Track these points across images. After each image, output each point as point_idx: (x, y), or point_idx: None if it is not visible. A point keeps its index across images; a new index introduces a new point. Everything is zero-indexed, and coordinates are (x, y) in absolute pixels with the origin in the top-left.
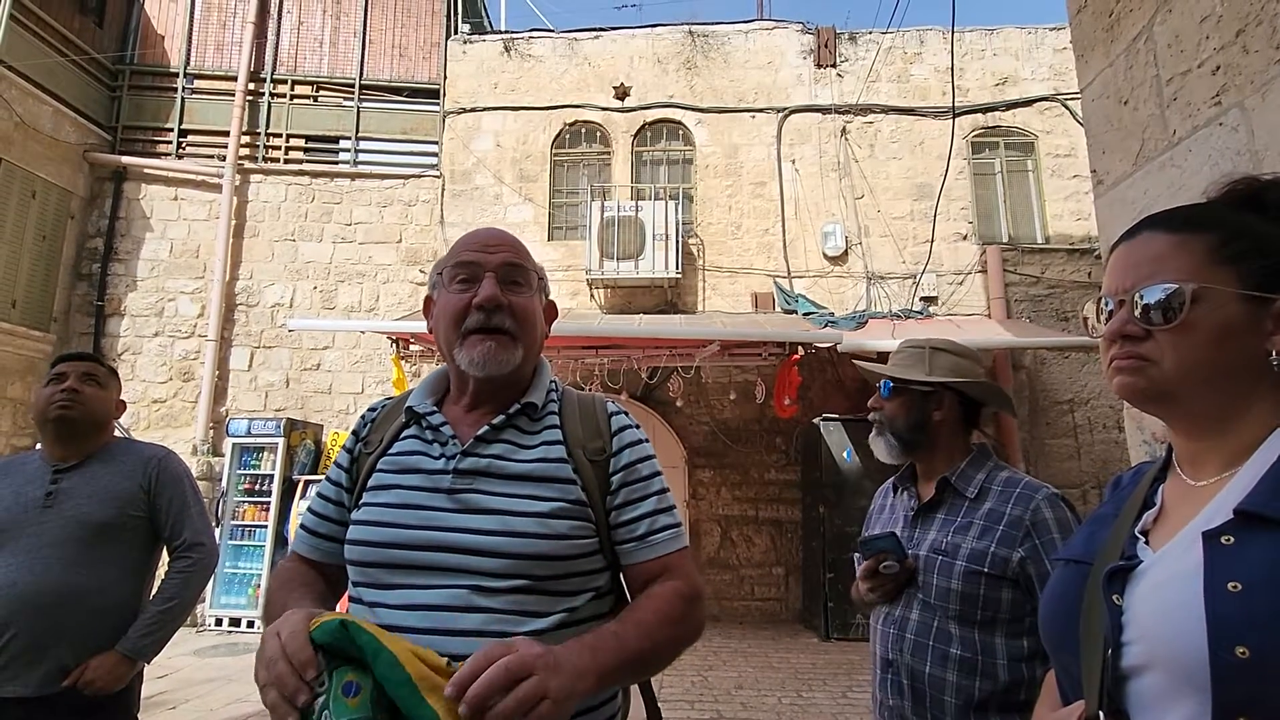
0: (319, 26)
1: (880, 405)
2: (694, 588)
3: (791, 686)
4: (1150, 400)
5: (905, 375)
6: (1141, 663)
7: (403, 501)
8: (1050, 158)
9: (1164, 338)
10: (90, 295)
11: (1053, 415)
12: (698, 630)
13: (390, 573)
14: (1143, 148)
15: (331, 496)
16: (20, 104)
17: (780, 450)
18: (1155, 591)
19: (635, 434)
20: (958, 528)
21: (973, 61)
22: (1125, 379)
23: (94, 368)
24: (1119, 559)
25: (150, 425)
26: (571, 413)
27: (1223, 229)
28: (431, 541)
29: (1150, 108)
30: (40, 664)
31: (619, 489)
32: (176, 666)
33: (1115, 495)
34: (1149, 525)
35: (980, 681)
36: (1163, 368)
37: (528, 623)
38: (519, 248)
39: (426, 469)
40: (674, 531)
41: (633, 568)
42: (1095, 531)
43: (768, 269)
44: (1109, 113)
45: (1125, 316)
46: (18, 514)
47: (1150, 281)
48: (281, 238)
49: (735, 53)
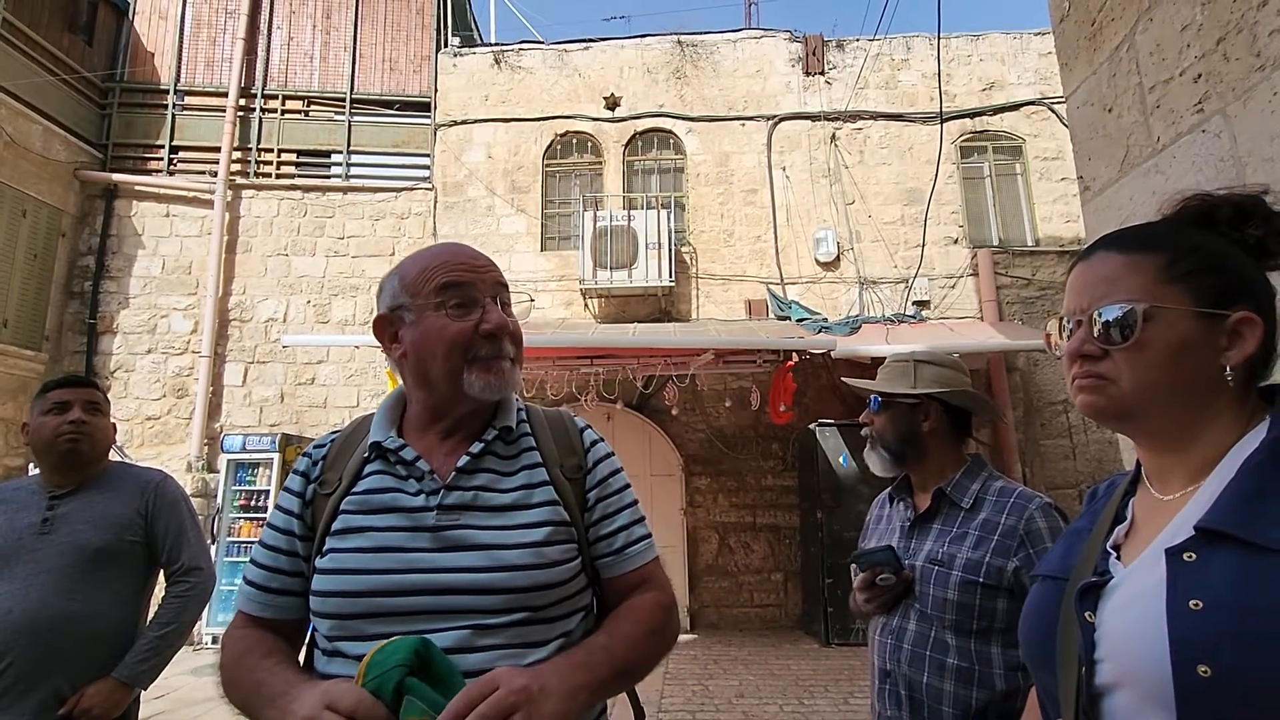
0: (309, 41)
1: (870, 420)
2: (670, 596)
3: (793, 694)
4: (1112, 418)
5: (891, 389)
6: (1113, 681)
7: (379, 545)
8: (1038, 160)
9: (1121, 356)
10: (82, 313)
11: (1047, 416)
12: (675, 637)
13: (373, 622)
14: (1128, 154)
15: (282, 546)
16: (10, 123)
17: (777, 456)
18: (1124, 608)
19: (605, 447)
20: (953, 538)
21: (960, 67)
22: (1086, 398)
23: (94, 394)
24: (1091, 575)
25: (144, 443)
26: (543, 432)
27: (1173, 248)
28: (418, 585)
29: (1134, 115)
30: (36, 692)
31: (595, 504)
32: (174, 686)
33: (1090, 508)
34: (1120, 540)
35: (977, 691)
36: (1121, 386)
37: (530, 654)
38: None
39: (405, 507)
40: (648, 542)
41: (612, 580)
42: (1070, 546)
43: (761, 276)
44: (1094, 120)
45: (1083, 336)
46: (14, 540)
47: (1105, 301)
48: (274, 252)
49: (724, 61)
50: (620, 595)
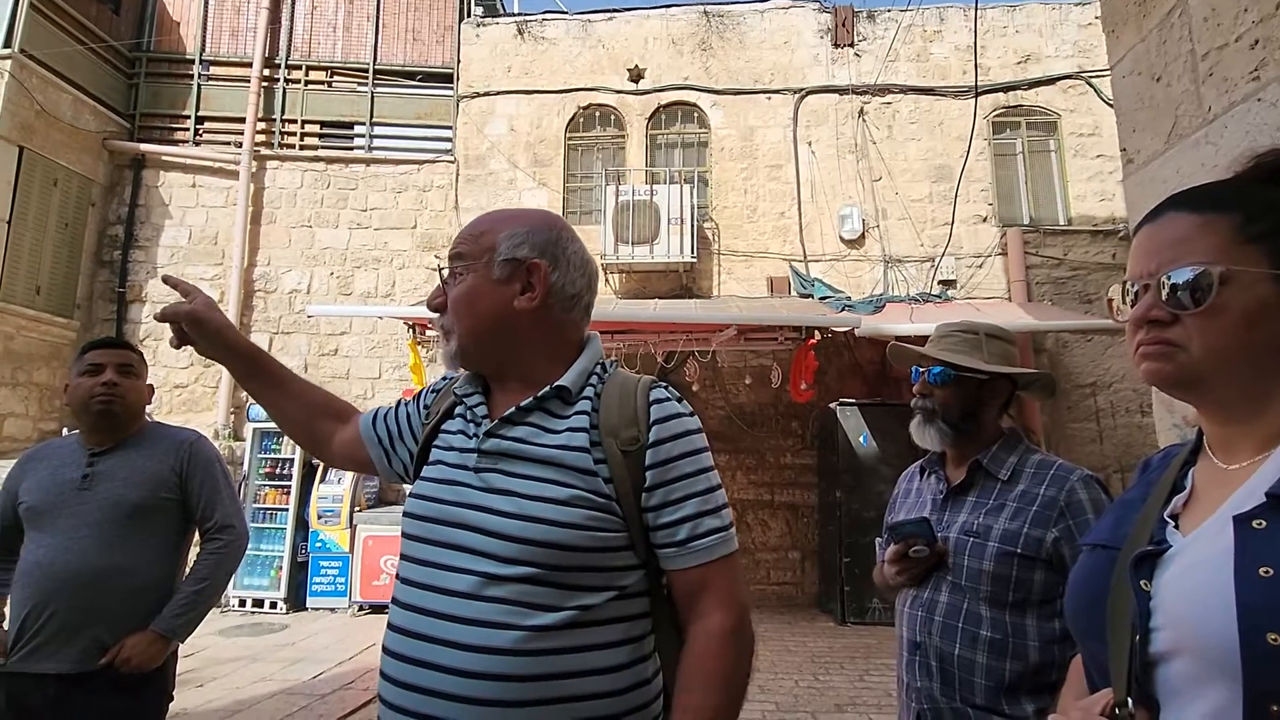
0: (333, 11)
1: (929, 391)
2: (737, 611)
3: (808, 670)
4: (1179, 386)
5: (964, 362)
6: (1170, 649)
7: (442, 477)
8: (1074, 137)
9: (1192, 322)
10: (112, 282)
11: (1075, 399)
12: (750, 651)
13: (424, 547)
14: (1175, 125)
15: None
16: (41, 93)
17: (796, 435)
18: (1184, 576)
19: (681, 423)
20: (989, 510)
21: (994, 39)
22: (1153, 365)
23: (128, 356)
24: (1147, 544)
25: (172, 410)
26: (610, 398)
27: (1249, 206)
28: (457, 519)
29: (1184, 84)
30: (78, 641)
31: (656, 486)
32: (203, 645)
33: (1143, 479)
34: (1178, 509)
35: (1011, 663)
36: (1191, 353)
37: (534, 616)
38: (475, 230)
39: (459, 446)
40: (720, 536)
41: (673, 574)
42: (1123, 516)
43: (784, 253)
44: (1140, 89)
45: (1151, 301)
46: (56, 496)
47: (1176, 264)
48: (298, 224)
49: (751, 33)
50: (681, 594)
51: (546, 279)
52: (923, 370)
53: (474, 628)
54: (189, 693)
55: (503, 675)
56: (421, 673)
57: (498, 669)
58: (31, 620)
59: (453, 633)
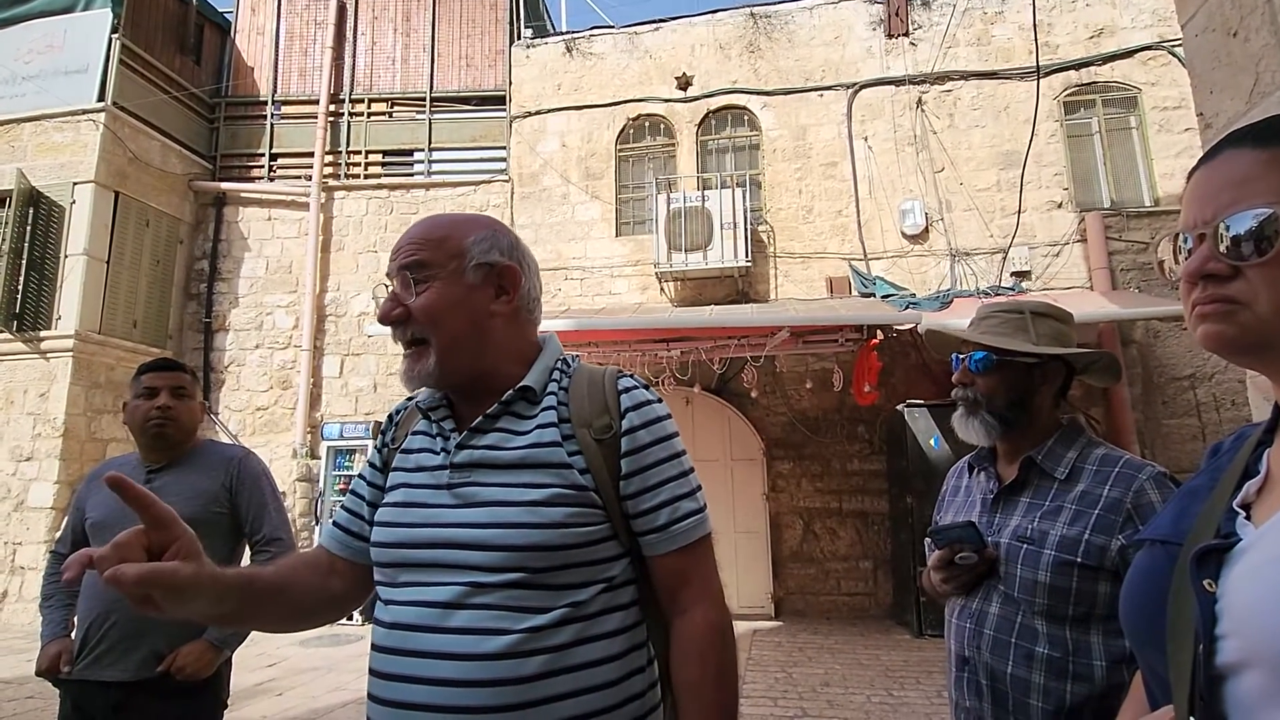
0: (391, 45)
1: (970, 380)
2: (718, 606)
3: (881, 684)
4: (1243, 351)
5: (1008, 345)
6: (1239, 659)
7: (409, 500)
8: (1157, 111)
9: (1256, 274)
10: (199, 313)
11: (1170, 393)
12: (734, 646)
13: (400, 571)
14: (1257, 82)
15: (365, 495)
16: (133, 141)
17: (863, 440)
18: (1255, 575)
19: (652, 410)
20: (1045, 512)
21: (1062, 15)
22: (1211, 327)
23: (180, 378)
24: (1213, 538)
25: (255, 431)
26: (579, 390)
27: None
28: (431, 539)
29: (1264, 37)
30: (137, 650)
31: (633, 473)
32: (283, 656)
33: (1212, 464)
34: (1251, 497)
35: (1072, 685)
36: (1257, 310)
37: (526, 619)
38: (432, 236)
39: (429, 465)
40: (697, 519)
41: (654, 560)
42: (1187, 506)
43: (842, 252)
44: (1215, 47)
45: (1207, 253)
46: (116, 511)
47: (1236, 208)
48: (364, 249)
49: (799, 31)
50: (663, 582)
51: (519, 282)
52: (963, 357)
53: (461, 636)
54: (268, 701)
55: (495, 680)
56: (408, 688)
57: (489, 675)
58: (94, 630)
59: (437, 644)
